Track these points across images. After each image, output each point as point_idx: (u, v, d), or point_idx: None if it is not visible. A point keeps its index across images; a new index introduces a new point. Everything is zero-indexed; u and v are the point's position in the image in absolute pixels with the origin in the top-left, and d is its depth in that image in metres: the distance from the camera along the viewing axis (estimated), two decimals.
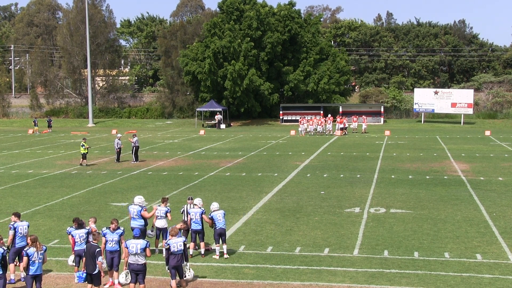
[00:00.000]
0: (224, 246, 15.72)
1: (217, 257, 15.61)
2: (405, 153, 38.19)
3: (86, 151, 32.97)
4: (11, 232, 14.18)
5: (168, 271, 13.36)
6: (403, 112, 72.02)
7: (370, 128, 57.67)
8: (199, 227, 15.86)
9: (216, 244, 15.78)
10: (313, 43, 70.82)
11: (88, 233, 14.17)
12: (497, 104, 71.64)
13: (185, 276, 13.45)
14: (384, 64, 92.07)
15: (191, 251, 15.65)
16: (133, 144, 34.85)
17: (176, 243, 13.21)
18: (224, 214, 15.96)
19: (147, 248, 13.01)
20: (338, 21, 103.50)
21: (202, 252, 15.87)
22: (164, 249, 13.49)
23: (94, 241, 13.09)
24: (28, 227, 14.48)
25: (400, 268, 14.76)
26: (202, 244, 15.96)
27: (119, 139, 34.94)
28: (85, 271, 13.08)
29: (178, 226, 14.18)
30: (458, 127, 61.08)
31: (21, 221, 14.50)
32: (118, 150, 34.78)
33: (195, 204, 16.18)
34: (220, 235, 15.69)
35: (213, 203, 16.30)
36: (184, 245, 13.37)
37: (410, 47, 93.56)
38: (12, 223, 14.38)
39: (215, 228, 15.73)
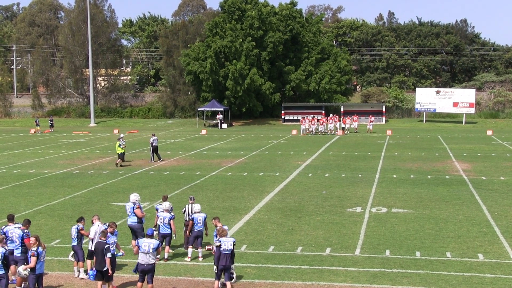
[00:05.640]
0: (200, 250, 15.67)
1: (189, 259, 15.58)
2: (407, 153, 38.16)
3: (124, 150, 32.92)
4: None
5: (215, 271, 13.36)
6: (404, 112, 71.97)
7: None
8: (168, 231, 15.73)
9: (189, 245, 15.73)
10: (315, 42, 70.79)
11: (78, 230, 14.36)
12: (499, 104, 71.54)
13: (232, 279, 13.55)
14: (386, 64, 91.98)
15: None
16: (151, 144, 34.81)
17: (227, 241, 13.24)
18: (205, 218, 15.82)
19: (159, 248, 13.23)
20: (340, 21, 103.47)
21: (166, 257, 15.69)
22: (214, 247, 13.50)
23: (102, 238, 13.16)
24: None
25: (402, 268, 14.75)
26: (167, 248, 15.82)
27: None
28: (95, 269, 13.19)
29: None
30: (460, 127, 61.03)
31: (15, 223, 14.35)
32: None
33: (166, 209, 15.88)
34: (197, 238, 15.66)
35: (195, 204, 16.23)
36: (233, 245, 13.38)
37: (411, 46, 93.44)
38: (2, 227, 14.38)
39: (193, 230, 15.70)
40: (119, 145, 32.84)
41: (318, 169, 31.10)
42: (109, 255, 12.88)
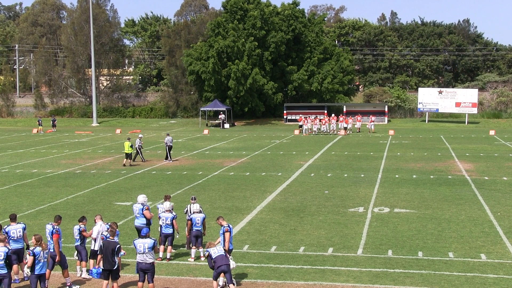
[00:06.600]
0: (201, 249, 15.68)
1: (192, 259, 15.59)
2: (409, 153, 38.12)
3: (131, 150, 32.97)
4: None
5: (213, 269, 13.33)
6: (407, 112, 71.88)
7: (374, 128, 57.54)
8: (170, 231, 15.74)
9: (192, 246, 15.75)
10: (317, 42, 70.73)
11: (80, 231, 14.38)
12: (501, 104, 71.40)
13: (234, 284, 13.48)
14: (388, 64, 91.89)
15: (160, 254, 15.55)
16: (165, 144, 34.80)
17: (215, 248, 13.21)
18: (204, 218, 15.80)
19: (156, 246, 13.17)
20: (342, 21, 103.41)
21: (168, 257, 15.69)
22: (205, 258, 13.53)
23: (111, 238, 13.14)
24: (24, 229, 14.25)
25: (404, 268, 14.74)
26: (169, 248, 15.81)
27: (139, 139, 34.92)
28: (100, 267, 13.15)
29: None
30: (463, 127, 60.94)
31: (18, 223, 14.34)
32: (139, 148, 34.43)
33: (167, 210, 15.85)
34: (197, 237, 15.66)
35: (195, 204, 16.24)
36: (224, 250, 13.35)
37: (414, 46, 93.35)
38: (4, 227, 14.38)
39: (192, 230, 15.71)
40: (131, 146, 32.82)
41: (320, 169, 31.09)
42: (120, 254, 12.93)
